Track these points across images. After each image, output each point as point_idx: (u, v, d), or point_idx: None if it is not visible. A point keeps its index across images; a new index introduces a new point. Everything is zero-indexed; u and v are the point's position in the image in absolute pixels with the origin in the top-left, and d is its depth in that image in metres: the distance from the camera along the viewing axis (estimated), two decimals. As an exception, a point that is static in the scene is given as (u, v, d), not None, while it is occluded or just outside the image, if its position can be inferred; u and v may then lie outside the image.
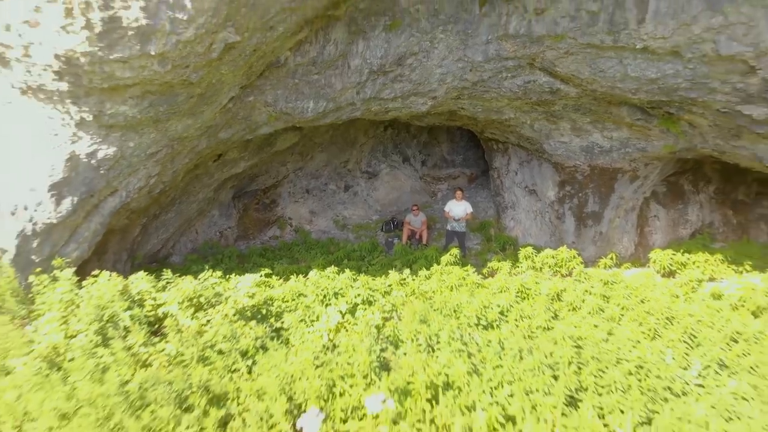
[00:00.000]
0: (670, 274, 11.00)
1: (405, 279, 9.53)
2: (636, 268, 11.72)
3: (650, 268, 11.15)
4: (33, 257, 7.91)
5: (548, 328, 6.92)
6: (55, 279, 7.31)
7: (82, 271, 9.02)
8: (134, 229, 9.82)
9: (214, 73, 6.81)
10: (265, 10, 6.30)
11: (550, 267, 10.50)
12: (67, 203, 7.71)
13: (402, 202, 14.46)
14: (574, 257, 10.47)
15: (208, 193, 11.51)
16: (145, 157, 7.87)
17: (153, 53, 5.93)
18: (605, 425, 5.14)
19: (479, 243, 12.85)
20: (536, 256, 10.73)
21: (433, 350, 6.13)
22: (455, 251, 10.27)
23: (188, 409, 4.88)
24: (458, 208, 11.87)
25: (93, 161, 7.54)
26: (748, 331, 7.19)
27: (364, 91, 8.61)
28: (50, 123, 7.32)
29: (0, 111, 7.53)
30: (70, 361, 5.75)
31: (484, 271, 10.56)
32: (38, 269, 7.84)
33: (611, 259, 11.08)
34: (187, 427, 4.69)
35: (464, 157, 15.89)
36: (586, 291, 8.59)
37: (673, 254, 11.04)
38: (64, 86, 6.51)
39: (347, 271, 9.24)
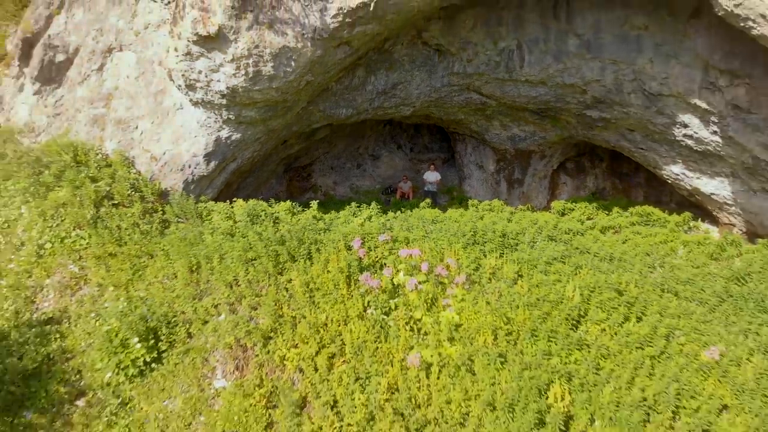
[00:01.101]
0: (563, 215, 16.88)
1: (396, 216, 15.42)
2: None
3: (551, 211, 17.05)
4: (190, 195, 13.74)
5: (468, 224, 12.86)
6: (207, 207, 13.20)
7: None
8: (234, 185, 15.67)
9: (298, 96, 12.67)
10: (327, 64, 12.16)
11: (486, 210, 16.39)
12: (212, 165, 13.55)
13: (396, 176, 20.26)
14: (502, 204, 16.35)
15: (272, 166, 17.37)
16: (254, 140, 13.73)
17: (274, 87, 11.77)
18: (484, 257, 11.05)
19: (447, 201, 18.71)
20: (479, 204, 16.63)
21: (410, 231, 12.01)
22: (428, 201, 16.14)
23: (302, 243, 10.78)
24: (431, 176, 17.75)
25: (228, 141, 13.38)
26: (576, 228, 13.16)
27: (373, 103, 14.45)
28: (207, 120, 13.13)
29: (178, 113, 13.37)
30: (237, 232, 11.61)
31: (447, 213, 16.45)
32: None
33: (527, 207, 16.97)
34: (303, 249, 10.61)
35: (440, 146, 21.72)
36: (500, 216, 14.49)
37: (566, 203, 16.92)
38: (223, 102, 12.30)
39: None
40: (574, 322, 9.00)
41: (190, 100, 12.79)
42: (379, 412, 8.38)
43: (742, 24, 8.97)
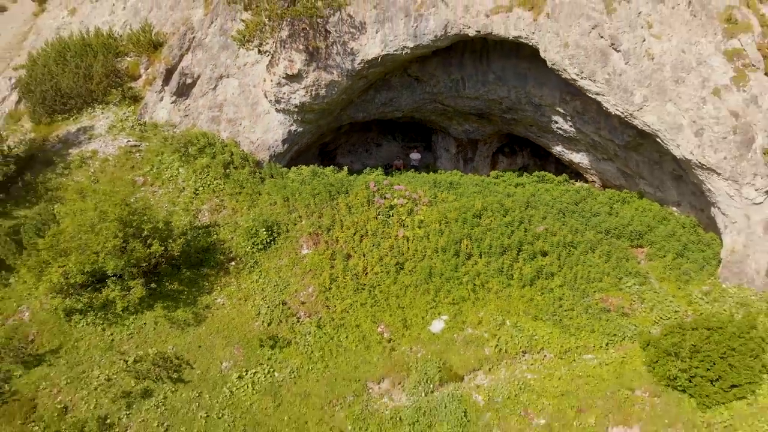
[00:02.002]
0: (496, 178, 25.94)
1: (393, 176, 24.47)
2: (487, 179, 26.75)
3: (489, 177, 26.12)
4: (274, 164, 22.67)
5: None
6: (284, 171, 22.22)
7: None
8: (293, 161, 24.64)
9: (336, 106, 21.63)
10: (353, 88, 21.15)
11: (447, 176, 25.47)
12: (285, 146, 22.44)
13: (392, 157, 29.19)
14: (458, 172, 25.39)
15: (314, 150, 26.35)
16: (309, 132, 22.68)
17: (325, 102, 20.69)
18: (439, 192, 20.15)
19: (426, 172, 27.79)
20: (444, 172, 25.68)
21: (400, 181, 21.01)
22: (412, 171, 25.20)
23: (343, 185, 19.78)
24: (415, 156, 26.85)
25: (295, 133, 22.29)
26: (493, 182, 22.28)
27: (378, 110, 23.41)
28: (284, 120, 22.01)
29: (266, 116, 22.31)
30: (306, 181, 20.57)
31: (424, 178, 25.57)
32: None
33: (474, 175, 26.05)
34: (343, 187, 19.71)
35: (423, 137, 30.60)
36: (452, 177, 23.54)
37: (499, 173, 25.96)
38: (295, 110, 21.16)
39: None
40: (477, 216, 18.11)
41: (275, 109, 21.74)
42: (385, 256, 17.48)
43: (558, 72, 18.06)
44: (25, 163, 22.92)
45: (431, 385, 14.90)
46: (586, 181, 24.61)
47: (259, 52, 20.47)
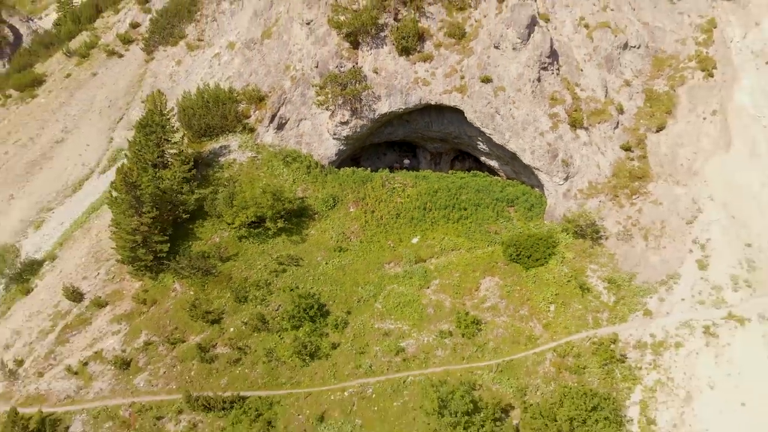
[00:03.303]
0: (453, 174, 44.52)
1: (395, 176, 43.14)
2: (447, 175, 45.49)
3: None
4: (330, 166, 41.21)
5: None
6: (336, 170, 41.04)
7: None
8: (341, 165, 43.22)
9: (365, 136, 40.21)
10: (373, 127, 39.79)
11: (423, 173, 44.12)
12: (336, 157, 40.79)
13: (393, 162, 47.58)
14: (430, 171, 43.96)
15: (349, 158, 44.98)
16: (349, 149, 41.01)
17: (359, 134, 39.17)
18: (418, 181, 39.04)
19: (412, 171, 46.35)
20: (423, 171, 44.28)
21: (399, 176, 39.61)
22: (405, 170, 43.83)
23: (369, 177, 38.42)
24: (407, 161, 45.48)
25: (342, 150, 40.39)
26: (445, 176, 41.10)
27: (386, 136, 41.77)
28: (336, 143, 40.24)
29: (327, 141, 40.92)
30: (350, 174, 39.12)
31: (411, 174, 44.32)
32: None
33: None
34: (368, 178, 38.55)
35: (411, 150, 48.94)
36: (427, 174, 42.18)
37: (453, 171, 44.47)
38: (343, 138, 39.51)
39: (382, 172, 42.87)
40: (435, 192, 36.71)
41: (332, 138, 40.17)
42: (391, 210, 36.18)
43: (472, 123, 36.82)
44: (194, 166, 41.38)
45: (411, 263, 33.63)
46: (498, 176, 43.45)
47: (326, 109, 39.16)
